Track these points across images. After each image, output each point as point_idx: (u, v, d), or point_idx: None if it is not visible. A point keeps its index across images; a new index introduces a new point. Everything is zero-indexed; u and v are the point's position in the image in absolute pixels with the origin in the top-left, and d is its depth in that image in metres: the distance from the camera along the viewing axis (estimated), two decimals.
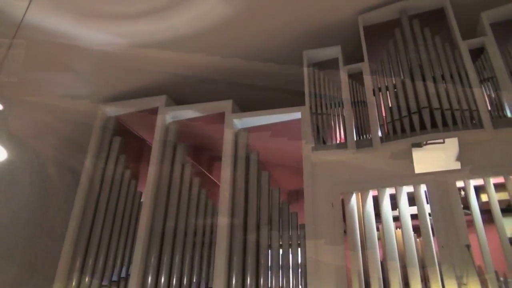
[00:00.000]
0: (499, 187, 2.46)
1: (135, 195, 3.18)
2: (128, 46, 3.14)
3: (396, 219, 2.57)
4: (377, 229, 2.62)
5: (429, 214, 2.48)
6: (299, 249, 2.66)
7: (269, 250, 2.71)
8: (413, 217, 2.54)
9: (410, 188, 2.60)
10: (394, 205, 2.60)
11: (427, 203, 2.52)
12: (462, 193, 2.54)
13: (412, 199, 2.57)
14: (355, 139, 2.77)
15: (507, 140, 2.50)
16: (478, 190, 2.62)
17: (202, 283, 2.74)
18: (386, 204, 2.59)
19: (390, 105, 2.77)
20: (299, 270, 2.60)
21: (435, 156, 2.55)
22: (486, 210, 2.50)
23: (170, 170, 3.17)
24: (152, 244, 2.90)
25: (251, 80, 3.66)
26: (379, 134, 2.71)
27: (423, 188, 2.56)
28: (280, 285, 2.59)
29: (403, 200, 2.57)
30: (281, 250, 2.69)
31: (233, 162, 3.03)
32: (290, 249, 2.68)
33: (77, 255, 3.00)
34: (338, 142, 2.83)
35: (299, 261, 2.62)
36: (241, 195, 2.90)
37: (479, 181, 2.49)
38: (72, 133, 3.95)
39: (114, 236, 3.04)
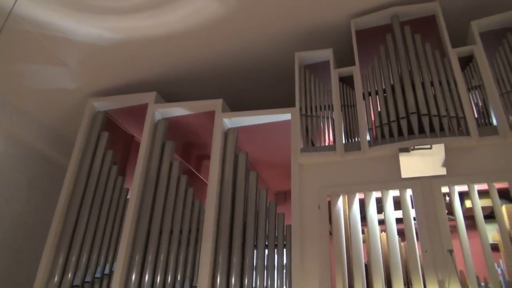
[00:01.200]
0: (482, 194, 2.50)
1: (121, 191, 3.16)
2: (120, 41, 3.12)
3: (381, 222, 2.59)
4: (363, 232, 2.64)
5: (414, 219, 2.51)
6: (284, 249, 2.67)
7: (255, 250, 2.71)
8: (398, 221, 2.56)
9: (396, 192, 2.63)
10: (380, 208, 2.63)
11: (412, 207, 2.55)
12: (447, 198, 2.58)
13: (398, 203, 2.60)
14: (343, 142, 2.79)
15: (492, 148, 2.54)
16: (462, 196, 2.66)
17: (186, 282, 2.73)
18: (372, 207, 2.62)
19: (379, 110, 2.79)
20: (284, 270, 2.60)
21: (421, 162, 2.59)
22: (469, 216, 2.54)
23: (157, 167, 3.15)
24: (137, 241, 2.88)
25: (242, 80, 3.67)
26: (368, 138, 2.73)
27: (408, 192, 2.59)
28: (265, 285, 2.59)
29: (389, 204, 2.60)
30: (266, 250, 2.70)
31: (221, 161, 3.03)
32: (275, 250, 2.68)
33: (60, 251, 2.97)
34: (326, 144, 2.85)
35: (285, 261, 2.63)
36: (228, 195, 2.90)
37: (464, 188, 2.52)
38: (60, 126, 3.91)
39: (98, 232, 3.01)
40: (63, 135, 3.99)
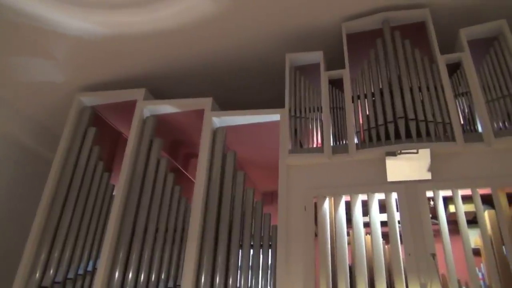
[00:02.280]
0: (466, 199, 2.54)
1: (107, 187, 3.12)
2: (110, 35, 3.08)
3: (366, 225, 2.61)
4: (348, 234, 2.66)
5: (398, 222, 2.54)
6: (270, 250, 2.67)
7: (240, 250, 2.71)
8: (383, 224, 2.59)
9: (381, 196, 2.65)
10: (366, 211, 2.65)
11: (397, 211, 2.57)
12: (431, 203, 2.61)
13: (383, 206, 2.62)
14: (331, 144, 2.80)
15: (476, 155, 2.58)
16: (446, 201, 2.69)
17: (170, 280, 2.71)
18: (357, 210, 2.64)
19: (367, 113, 2.81)
20: (269, 271, 2.61)
21: (407, 166, 2.61)
22: (452, 221, 2.58)
23: (144, 164, 3.13)
24: (121, 239, 2.86)
25: (232, 79, 3.66)
26: (355, 140, 2.75)
27: (394, 196, 2.62)
28: (249, 285, 2.59)
29: (374, 207, 2.62)
30: (252, 250, 2.70)
31: (209, 160, 3.02)
32: (261, 250, 2.68)
33: (43, 246, 2.92)
34: (315, 146, 2.86)
35: (269, 262, 2.63)
36: (215, 194, 2.89)
37: (448, 192, 2.56)
38: (46, 120, 3.85)
39: (82, 228, 2.97)
40: (49, 129, 3.94)
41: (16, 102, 3.58)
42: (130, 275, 2.73)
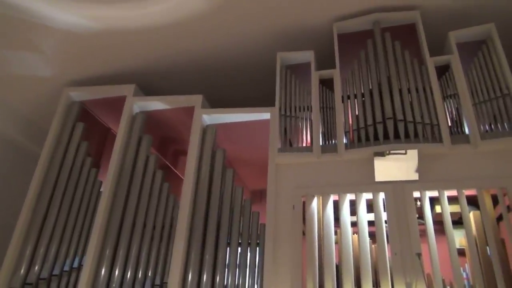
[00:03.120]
0: (452, 200, 2.57)
1: (94, 183, 3.09)
2: (100, 30, 3.05)
3: (354, 224, 2.63)
4: (335, 233, 2.67)
5: (385, 222, 2.56)
6: (257, 248, 2.67)
7: (228, 248, 2.70)
8: (370, 223, 2.61)
9: (369, 195, 2.67)
10: (353, 210, 2.67)
11: (384, 211, 2.59)
12: (418, 203, 2.64)
13: (370, 206, 2.64)
14: (320, 143, 2.81)
15: (463, 156, 2.61)
16: (433, 201, 2.72)
17: (157, 277, 2.70)
18: (345, 209, 2.65)
19: (357, 113, 2.83)
20: (256, 269, 2.61)
21: (395, 166, 2.64)
22: (438, 221, 2.61)
23: (133, 161, 3.11)
24: (108, 235, 2.83)
25: (223, 77, 3.65)
26: (344, 140, 2.77)
27: (381, 196, 2.64)
28: (236, 283, 2.59)
29: (362, 207, 2.64)
30: (239, 249, 2.70)
31: (198, 158, 3.01)
32: (249, 248, 2.69)
33: (28, 242, 2.88)
34: (304, 145, 2.87)
35: (257, 260, 2.63)
36: (204, 191, 2.89)
37: (434, 193, 2.59)
38: (33, 114, 3.80)
39: (69, 224, 2.94)
40: (36, 123, 3.89)
41: (3, 95, 3.52)
42: (117, 272, 2.71)
